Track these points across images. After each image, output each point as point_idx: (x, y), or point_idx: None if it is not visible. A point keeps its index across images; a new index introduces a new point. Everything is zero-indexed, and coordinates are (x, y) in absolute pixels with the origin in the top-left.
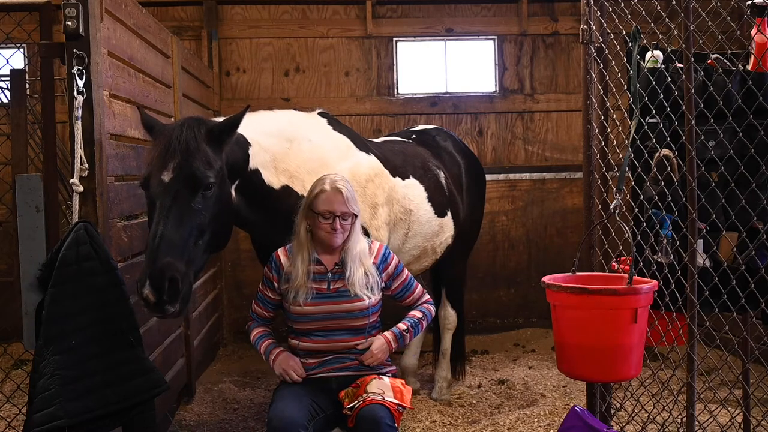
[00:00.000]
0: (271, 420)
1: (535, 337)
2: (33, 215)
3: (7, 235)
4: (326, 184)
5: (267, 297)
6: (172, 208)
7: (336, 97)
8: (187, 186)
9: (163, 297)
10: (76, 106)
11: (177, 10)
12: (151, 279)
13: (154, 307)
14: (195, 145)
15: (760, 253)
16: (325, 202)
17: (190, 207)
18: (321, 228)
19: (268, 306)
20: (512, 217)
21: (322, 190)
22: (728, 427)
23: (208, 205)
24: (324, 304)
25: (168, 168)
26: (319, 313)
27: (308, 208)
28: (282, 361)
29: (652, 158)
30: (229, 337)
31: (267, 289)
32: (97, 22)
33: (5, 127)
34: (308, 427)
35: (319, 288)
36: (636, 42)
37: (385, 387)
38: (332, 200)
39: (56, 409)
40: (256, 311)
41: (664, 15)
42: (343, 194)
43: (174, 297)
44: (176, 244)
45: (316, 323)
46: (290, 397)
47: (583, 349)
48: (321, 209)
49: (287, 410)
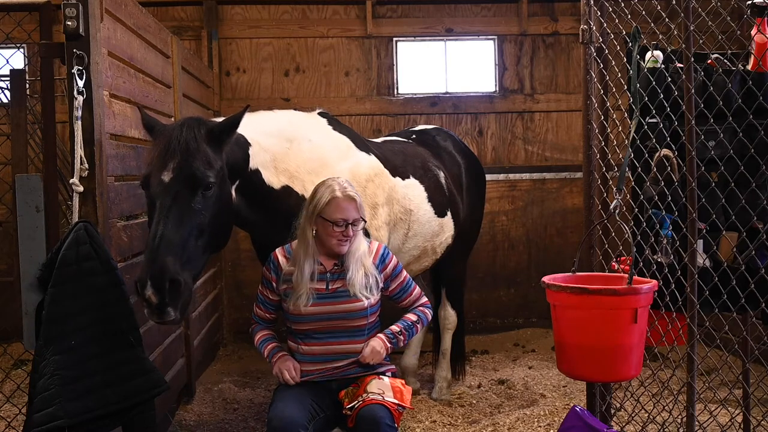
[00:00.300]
0: (271, 420)
1: (535, 337)
2: (33, 215)
3: (7, 235)
4: (337, 191)
5: (267, 298)
6: (172, 208)
7: (336, 97)
8: (187, 186)
9: (165, 299)
10: (76, 106)
11: (177, 10)
12: (153, 280)
13: (156, 308)
14: (195, 145)
15: (760, 253)
16: (339, 209)
17: (190, 207)
18: (332, 235)
19: (269, 307)
20: (512, 217)
21: (334, 198)
22: (728, 427)
23: (208, 204)
24: (323, 304)
25: (168, 168)
26: (318, 314)
27: (317, 215)
28: (280, 361)
29: (652, 158)
30: (229, 337)
31: (266, 290)
32: (97, 22)
33: (5, 127)
34: (308, 427)
35: (318, 288)
36: (636, 42)
37: (385, 387)
38: (345, 208)
39: (56, 409)
40: (258, 314)
41: (664, 15)
42: (356, 202)
43: (175, 298)
44: (176, 245)
45: (315, 324)
46: (291, 397)
47: (583, 349)
48: (334, 217)
49: (287, 410)
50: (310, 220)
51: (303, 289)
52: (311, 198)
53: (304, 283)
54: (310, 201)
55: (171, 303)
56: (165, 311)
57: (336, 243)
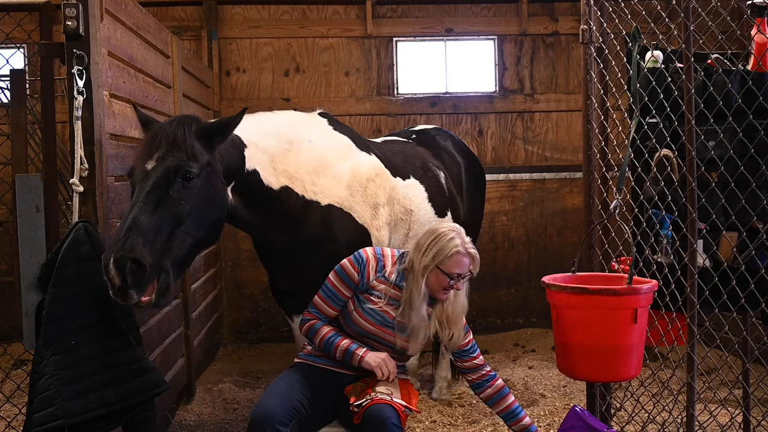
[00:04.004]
0: (252, 413)
1: (535, 337)
2: (33, 215)
3: (7, 235)
4: (459, 246)
5: (340, 293)
6: (150, 194)
7: (336, 97)
8: (166, 173)
9: (126, 280)
10: (76, 106)
11: (177, 10)
12: (116, 261)
13: (118, 290)
14: (182, 137)
15: (760, 253)
16: (459, 265)
17: (168, 194)
18: (440, 284)
19: (338, 303)
20: (512, 217)
21: (457, 252)
22: (728, 427)
23: (188, 195)
24: (380, 328)
25: (152, 157)
26: (373, 334)
27: (435, 265)
28: (375, 355)
29: (652, 158)
30: (229, 337)
31: (343, 285)
32: (97, 22)
33: (5, 127)
34: (288, 423)
35: (387, 312)
36: (636, 42)
37: (394, 387)
38: (464, 264)
39: (56, 408)
40: (321, 308)
41: (664, 15)
42: (475, 261)
43: (138, 281)
44: (147, 229)
45: (364, 338)
46: (278, 390)
47: (583, 349)
48: (452, 271)
49: (269, 404)
50: (426, 267)
51: (422, 334)
52: (429, 245)
53: (423, 327)
54: (429, 248)
55: (134, 286)
56: (127, 293)
57: (442, 292)
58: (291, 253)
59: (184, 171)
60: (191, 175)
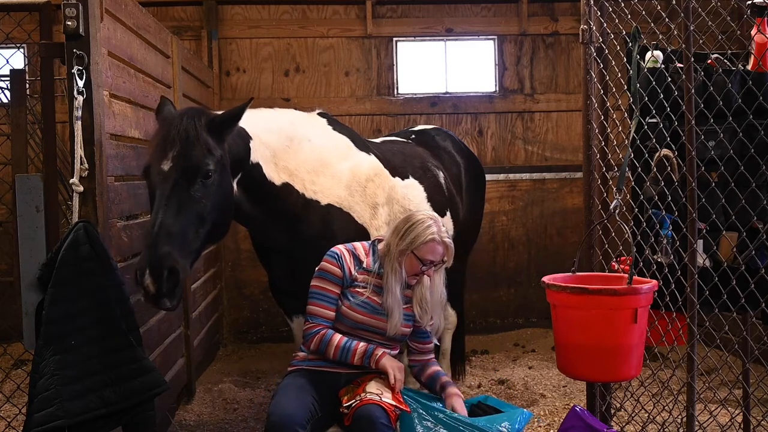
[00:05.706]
0: (271, 414)
1: (535, 337)
2: (33, 215)
3: (7, 235)
4: (435, 234)
5: (329, 291)
6: (172, 197)
7: (336, 97)
8: (186, 174)
9: (162, 288)
10: (76, 106)
11: (177, 10)
12: (152, 269)
13: (152, 297)
14: (194, 133)
15: (760, 253)
16: (432, 252)
17: (190, 195)
18: (413, 268)
19: (331, 302)
20: (512, 217)
21: (433, 240)
22: (728, 427)
23: (208, 193)
24: (371, 316)
25: (168, 157)
26: (366, 324)
27: (410, 250)
28: (390, 360)
29: (652, 158)
30: (229, 337)
31: (328, 283)
32: (97, 22)
33: (5, 127)
34: (306, 426)
35: (374, 299)
36: (636, 42)
37: (384, 388)
38: (438, 252)
39: (56, 408)
40: (318, 313)
41: (664, 15)
42: (449, 250)
43: (172, 288)
44: (176, 233)
45: (357, 330)
46: (293, 393)
47: (583, 349)
48: (426, 257)
49: (289, 406)
50: (403, 252)
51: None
52: (406, 231)
53: (397, 307)
54: (406, 233)
55: (168, 293)
56: (161, 301)
57: (412, 277)
58: (291, 253)
59: (204, 170)
60: (210, 172)
